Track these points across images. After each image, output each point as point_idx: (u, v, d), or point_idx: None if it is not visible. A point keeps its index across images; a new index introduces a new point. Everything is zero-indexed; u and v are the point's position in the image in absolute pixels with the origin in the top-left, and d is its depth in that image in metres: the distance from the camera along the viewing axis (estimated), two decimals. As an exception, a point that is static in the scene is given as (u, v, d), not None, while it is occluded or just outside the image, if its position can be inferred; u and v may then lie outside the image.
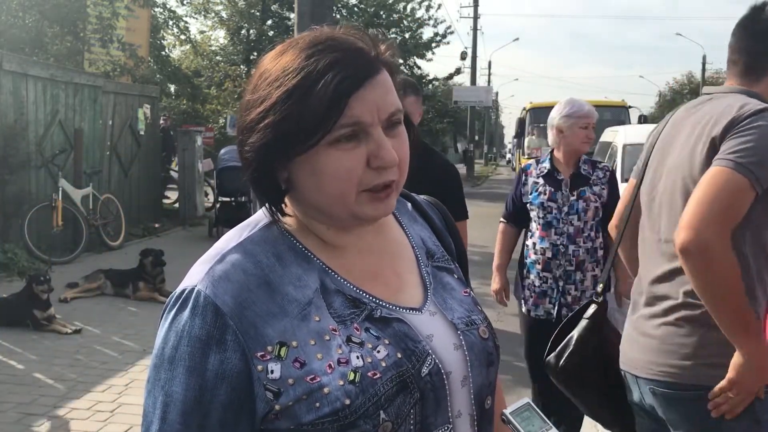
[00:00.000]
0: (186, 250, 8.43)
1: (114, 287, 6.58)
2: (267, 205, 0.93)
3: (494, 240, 3.66)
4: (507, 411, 0.98)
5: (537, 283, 3.23)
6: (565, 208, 3.18)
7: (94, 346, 5.06)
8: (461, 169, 39.52)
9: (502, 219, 3.45)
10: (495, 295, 3.51)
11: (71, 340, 5.17)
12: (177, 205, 12.04)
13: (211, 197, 12.64)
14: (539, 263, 3.23)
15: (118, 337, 5.31)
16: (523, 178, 3.32)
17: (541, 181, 3.25)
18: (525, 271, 3.30)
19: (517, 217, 3.36)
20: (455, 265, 1.09)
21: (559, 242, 3.18)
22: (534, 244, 3.24)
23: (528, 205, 3.27)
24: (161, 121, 12.14)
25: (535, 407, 1.01)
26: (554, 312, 3.21)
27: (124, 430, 3.68)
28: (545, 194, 3.22)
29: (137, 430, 3.67)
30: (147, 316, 5.87)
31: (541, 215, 3.21)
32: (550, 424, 0.99)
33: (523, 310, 3.34)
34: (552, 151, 3.31)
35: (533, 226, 3.26)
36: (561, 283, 3.20)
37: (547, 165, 3.27)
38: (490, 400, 1.00)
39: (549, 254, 3.20)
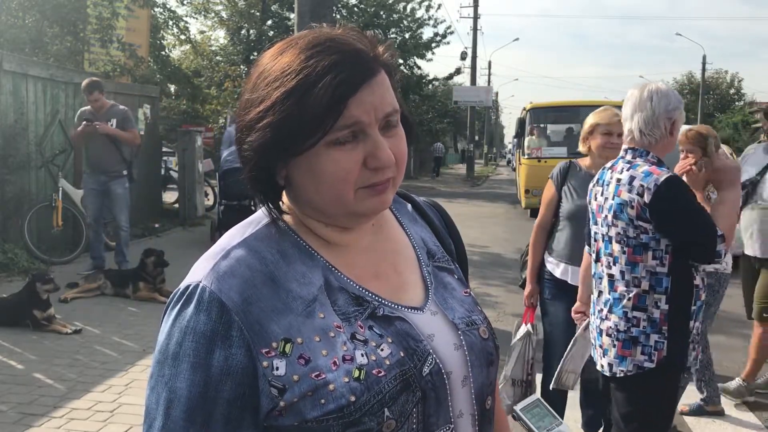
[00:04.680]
0: (186, 250, 8.43)
1: (114, 287, 6.58)
2: (265, 203, 0.94)
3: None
4: (517, 407, 0.98)
5: (695, 330, 2.45)
6: None
7: (94, 346, 5.06)
8: (461, 169, 39.62)
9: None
10: None
11: (71, 340, 5.17)
12: (177, 205, 12.04)
13: (211, 197, 12.65)
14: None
15: (118, 337, 5.31)
16: None
17: None
18: (692, 324, 2.42)
19: None
20: (455, 266, 1.09)
21: None
22: (702, 279, 2.48)
23: None
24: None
25: (545, 403, 1.01)
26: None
27: (124, 430, 3.68)
28: None
29: (137, 430, 3.67)
30: (147, 316, 5.87)
31: None
32: (561, 420, 0.99)
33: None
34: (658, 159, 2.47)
35: None
36: None
37: None
38: (491, 400, 1.00)
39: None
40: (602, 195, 2.50)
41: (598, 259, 2.54)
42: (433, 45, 23.93)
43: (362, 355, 0.87)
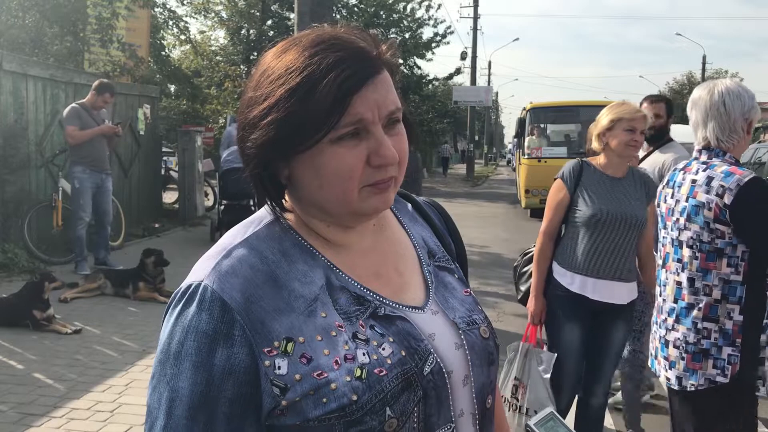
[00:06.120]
0: (186, 250, 8.43)
1: (114, 287, 6.58)
2: (268, 201, 0.94)
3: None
4: (531, 422, 0.98)
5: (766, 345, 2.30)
6: None
7: (94, 346, 5.06)
8: (461, 169, 39.61)
9: None
10: None
11: (71, 340, 5.16)
12: (177, 205, 12.04)
13: (211, 197, 12.65)
14: None
15: (118, 337, 5.31)
16: None
17: None
18: (764, 338, 2.26)
19: None
20: (456, 266, 1.10)
21: None
22: None
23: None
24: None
25: (559, 417, 1.00)
26: None
27: (124, 430, 3.68)
28: None
29: (137, 430, 3.67)
30: (147, 316, 5.87)
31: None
32: None
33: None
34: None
35: None
36: None
37: None
38: (491, 399, 1.01)
39: None
40: (673, 197, 2.38)
41: (664, 265, 2.42)
42: (433, 45, 23.92)
43: (364, 355, 0.87)
